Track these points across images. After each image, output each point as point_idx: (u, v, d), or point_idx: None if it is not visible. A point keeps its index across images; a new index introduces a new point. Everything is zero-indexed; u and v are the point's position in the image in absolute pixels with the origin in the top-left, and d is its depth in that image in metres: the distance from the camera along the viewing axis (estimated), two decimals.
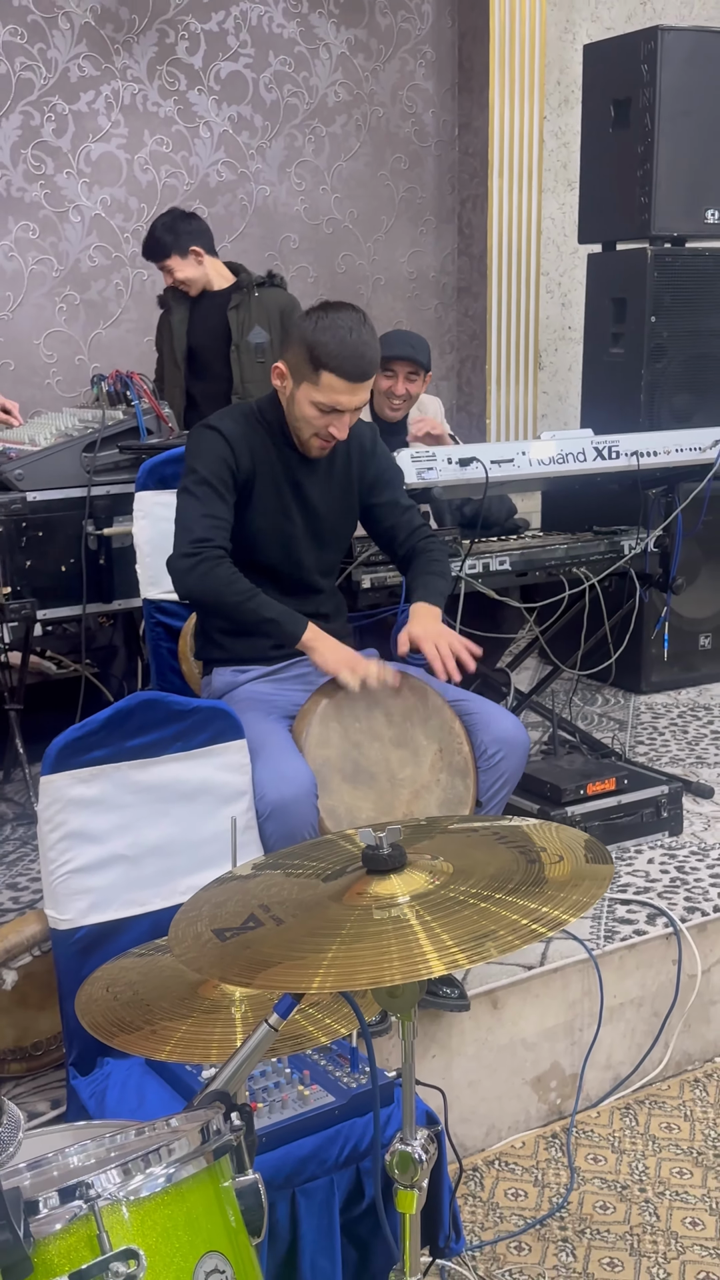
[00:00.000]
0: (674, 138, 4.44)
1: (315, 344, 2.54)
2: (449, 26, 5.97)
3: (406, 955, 1.31)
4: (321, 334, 2.54)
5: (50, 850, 2.15)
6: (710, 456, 3.76)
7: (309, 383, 2.57)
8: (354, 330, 2.55)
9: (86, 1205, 1.13)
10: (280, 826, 2.35)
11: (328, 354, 2.52)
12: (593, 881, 1.44)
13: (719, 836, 3.43)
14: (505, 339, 6.05)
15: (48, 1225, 1.12)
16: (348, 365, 2.54)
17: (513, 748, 2.63)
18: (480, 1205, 2.52)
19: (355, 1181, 1.93)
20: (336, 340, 2.53)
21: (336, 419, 2.61)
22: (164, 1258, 1.15)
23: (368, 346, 2.57)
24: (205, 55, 5.41)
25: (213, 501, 2.61)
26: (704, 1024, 3.01)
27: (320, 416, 2.60)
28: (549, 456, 3.54)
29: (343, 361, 2.53)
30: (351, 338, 2.54)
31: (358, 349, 2.54)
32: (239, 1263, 1.22)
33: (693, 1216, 2.47)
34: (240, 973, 1.35)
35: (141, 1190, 1.16)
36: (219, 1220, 1.22)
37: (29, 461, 3.39)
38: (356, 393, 2.58)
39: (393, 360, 3.96)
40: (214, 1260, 1.19)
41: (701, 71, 4.46)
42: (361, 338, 2.55)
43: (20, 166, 5.12)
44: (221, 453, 2.63)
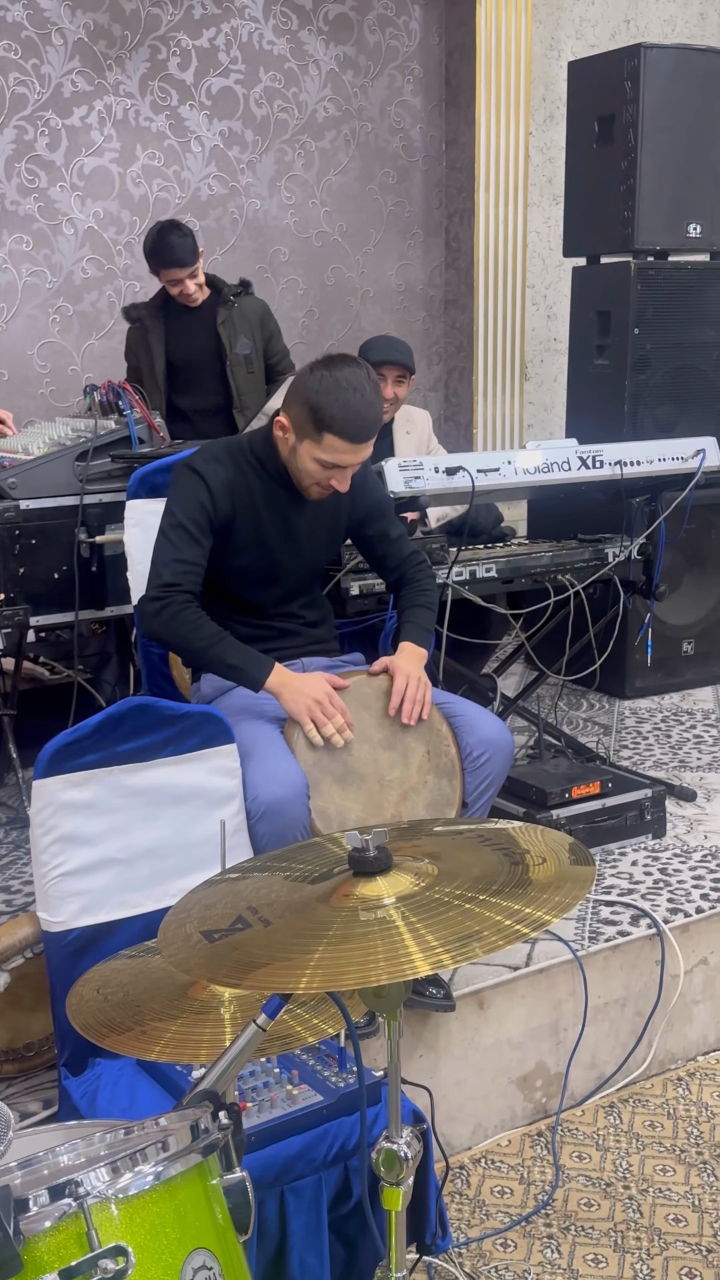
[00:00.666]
0: (657, 153, 4.45)
1: (319, 406, 2.49)
2: (436, 44, 5.99)
3: (392, 956, 1.31)
4: (325, 396, 2.49)
5: (43, 853, 2.15)
6: (692, 466, 3.76)
7: (311, 440, 2.54)
8: (358, 391, 2.50)
9: (76, 1203, 1.13)
10: (272, 826, 2.35)
11: (331, 417, 2.49)
12: (575, 883, 1.44)
13: (701, 839, 3.43)
14: (492, 350, 6.06)
15: (37, 1223, 1.12)
16: (351, 428, 2.50)
17: (498, 749, 2.64)
18: (467, 1203, 2.52)
19: (343, 1180, 1.93)
20: (340, 404, 2.48)
21: (339, 474, 2.59)
22: (152, 1254, 1.15)
23: (371, 407, 2.52)
24: (197, 71, 5.42)
25: (186, 545, 2.59)
26: (686, 1023, 3.01)
27: (322, 471, 2.58)
28: (535, 466, 3.54)
29: (346, 425, 2.49)
30: (355, 400, 2.49)
31: (361, 411, 2.50)
32: (226, 1259, 1.22)
33: (676, 1213, 2.47)
34: (229, 974, 1.35)
35: (130, 1188, 1.16)
36: (207, 1217, 1.22)
37: (22, 470, 3.39)
38: (359, 452, 2.55)
39: (382, 365, 3.97)
40: (202, 1257, 1.19)
41: (683, 88, 4.47)
42: (365, 399, 2.51)
43: (14, 180, 5.12)
44: (200, 496, 2.61)
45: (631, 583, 3.77)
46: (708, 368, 4.73)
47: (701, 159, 4.55)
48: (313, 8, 5.64)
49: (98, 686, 3.91)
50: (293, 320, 5.67)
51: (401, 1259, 1.56)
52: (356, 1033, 1.58)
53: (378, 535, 2.87)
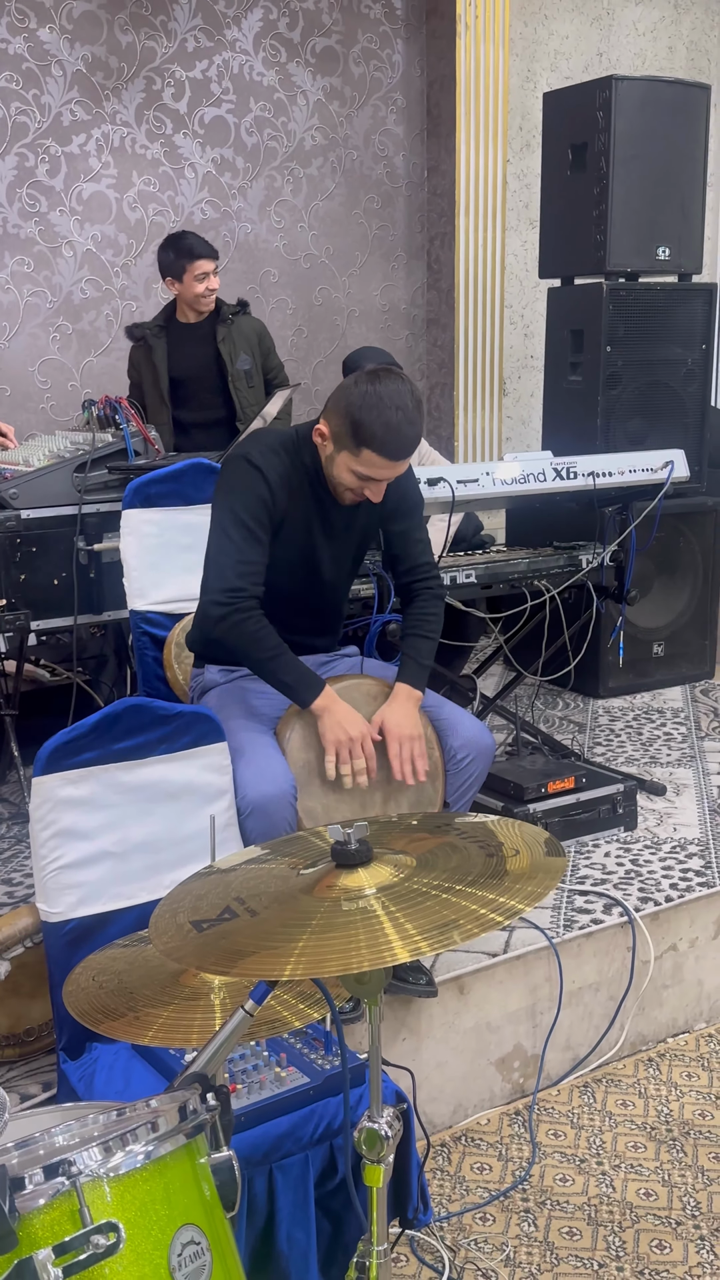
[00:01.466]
0: (627, 180, 4.46)
1: (360, 422, 2.39)
2: (418, 75, 5.99)
3: (373, 944, 1.31)
4: (368, 412, 2.38)
5: (42, 847, 2.14)
6: (661, 477, 3.77)
7: (349, 452, 2.44)
8: (400, 410, 2.39)
9: (69, 1181, 1.13)
10: (260, 824, 2.34)
11: (371, 434, 2.38)
12: (547, 873, 1.44)
13: (671, 831, 3.44)
14: (471, 367, 6.07)
15: (32, 1200, 1.11)
16: (390, 446, 2.40)
17: (480, 751, 2.62)
18: (447, 1179, 2.51)
19: (329, 1158, 1.93)
20: (381, 422, 2.38)
21: (373, 486, 2.50)
22: (142, 1230, 1.14)
23: (412, 425, 2.41)
24: (190, 101, 5.42)
25: (249, 546, 2.48)
26: (657, 1007, 3.01)
27: (357, 481, 2.49)
28: (512, 477, 3.55)
29: (386, 442, 2.39)
30: (396, 418, 2.38)
31: (401, 429, 2.39)
32: (214, 1234, 1.22)
33: (646, 1188, 2.47)
34: (217, 962, 1.35)
35: (121, 1167, 1.16)
36: (195, 1195, 1.22)
37: (23, 481, 3.38)
38: (396, 468, 2.46)
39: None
40: (190, 1232, 1.18)
41: (653, 118, 4.48)
42: (407, 416, 2.40)
43: (16, 205, 5.11)
44: (261, 493, 2.50)
45: (604, 588, 3.77)
46: (676, 384, 4.74)
47: (670, 185, 4.56)
48: (300, 41, 5.64)
49: (96, 688, 3.90)
50: (282, 339, 5.67)
51: (383, 1233, 1.56)
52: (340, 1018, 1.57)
53: (400, 533, 2.74)
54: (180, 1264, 1.15)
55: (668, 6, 6.53)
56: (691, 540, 4.79)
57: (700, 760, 4.02)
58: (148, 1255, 1.14)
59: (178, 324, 4.54)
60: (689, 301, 4.71)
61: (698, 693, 4.82)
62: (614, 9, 6.34)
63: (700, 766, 3.96)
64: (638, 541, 3.76)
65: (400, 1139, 1.61)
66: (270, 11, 5.54)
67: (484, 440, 6.17)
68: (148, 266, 5.43)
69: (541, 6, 6.10)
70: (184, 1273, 1.15)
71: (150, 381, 4.51)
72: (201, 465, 3.07)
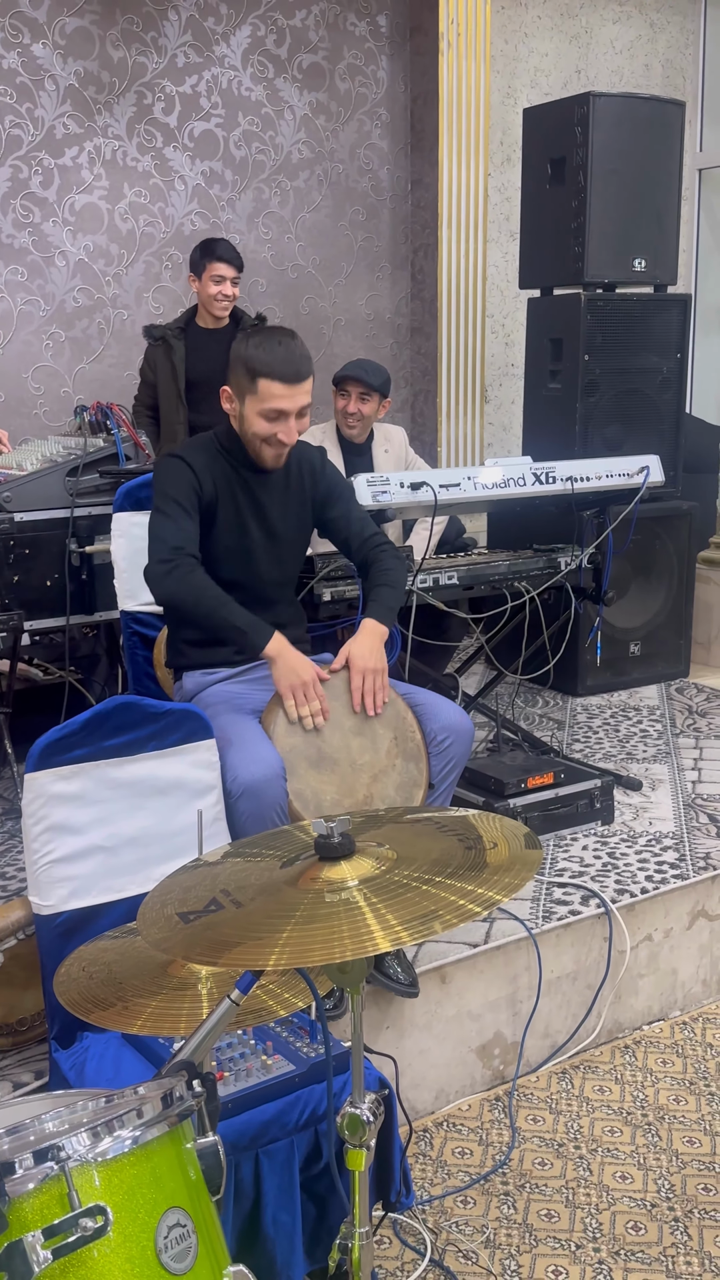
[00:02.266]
0: (604, 193, 4.47)
1: (250, 357, 2.56)
2: (402, 91, 5.99)
3: (355, 934, 1.31)
4: (254, 349, 2.57)
5: (34, 841, 2.13)
6: (638, 482, 3.78)
7: (251, 395, 2.58)
8: (281, 342, 2.57)
9: (58, 1166, 1.12)
10: (252, 805, 2.34)
11: (261, 363, 2.55)
12: (523, 865, 1.44)
13: (647, 825, 3.45)
14: (454, 375, 6.07)
15: (22, 1184, 1.11)
16: (279, 368, 2.55)
17: (459, 734, 2.64)
18: (429, 1163, 2.52)
19: (314, 1143, 1.93)
20: (268, 351, 2.55)
21: (283, 424, 2.60)
22: (129, 1213, 1.14)
23: (295, 353, 2.58)
24: (180, 115, 5.41)
25: (183, 519, 2.61)
26: (632, 995, 3.02)
27: (268, 425, 2.59)
28: (493, 481, 3.55)
29: (274, 366, 2.55)
30: (280, 348, 2.56)
31: (286, 355, 2.56)
32: (199, 1217, 1.21)
33: (622, 1171, 2.48)
34: (204, 952, 1.35)
35: (109, 1152, 1.16)
36: (181, 1179, 1.21)
37: (17, 485, 3.37)
38: (294, 396, 2.58)
39: (345, 381, 3.98)
40: (176, 1215, 1.18)
41: (629, 133, 4.50)
42: (290, 347, 2.57)
43: (10, 215, 5.10)
44: (187, 478, 2.63)
45: (582, 589, 3.78)
46: (652, 391, 4.75)
47: (646, 198, 4.57)
48: (288, 57, 5.64)
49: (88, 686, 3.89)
50: None
51: (365, 1215, 1.56)
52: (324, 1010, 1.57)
53: (340, 517, 2.85)
54: (166, 1245, 1.15)
55: (644, 26, 6.55)
56: (667, 543, 4.81)
57: (675, 756, 4.03)
58: (135, 1238, 1.14)
59: (197, 328, 4.58)
60: (664, 311, 4.72)
61: (673, 691, 4.83)
62: (592, 28, 6.36)
63: (675, 762, 3.97)
64: (615, 544, 3.77)
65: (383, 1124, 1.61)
66: (258, 29, 5.53)
67: (466, 446, 6.18)
68: (138, 276, 5.42)
69: (522, 25, 6.11)
70: (170, 1254, 1.15)
71: (168, 381, 4.53)
72: None
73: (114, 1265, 1.11)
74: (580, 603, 3.83)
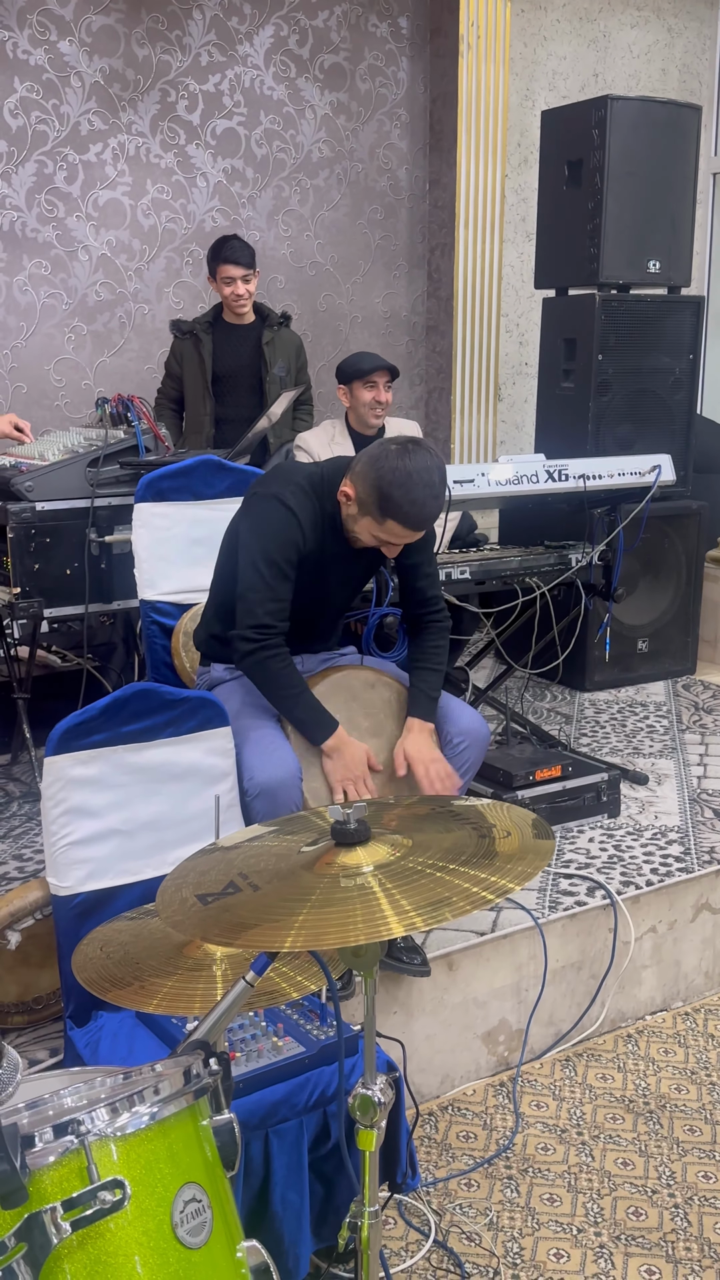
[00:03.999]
0: (620, 195, 4.46)
1: (388, 496, 2.38)
2: (422, 92, 5.97)
3: (369, 918, 1.31)
4: (397, 489, 2.37)
5: (52, 824, 2.14)
6: (649, 480, 3.77)
7: (374, 520, 2.44)
8: (428, 487, 2.39)
9: (77, 1140, 1.13)
10: (267, 805, 2.35)
11: (397, 508, 2.39)
12: (536, 855, 1.44)
13: (652, 819, 3.44)
14: (468, 373, 6.06)
15: (42, 1158, 1.11)
16: (414, 520, 2.42)
17: (475, 738, 2.64)
18: (435, 1146, 2.52)
19: (322, 1124, 1.93)
20: (409, 500, 2.38)
21: (391, 548, 2.53)
22: (147, 1187, 1.15)
23: (436, 501, 2.42)
24: (203, 113, 5.40)
25: (279, 584, 2.48)
26: (636, 986, 3.02)
27: (378, 544, 2.51)
28: (506, 478, 3.55)
29: (410, 517, 2.41)
30: (423, 495, 2.38)
31: (426, 506, 2.40)
32: (214, 1193, 1.22)
33: (624, 1158, 2.48)
34: (221, 933, 1.35)
35: (127, 1127, 1.16)
36: (197, 1155, 1.22)
37: (38, 475, 3.37)
38: (416, 536, 2.50)
39: (374, 371, 3.96)
40: (192, 1190, 1.18)
41: (646, 137, 4.48)
42: (434, 493, 2.40)
43: (34, 210, 5.10)
44: (294, 536, 2.49)
45: (592, 586, 3.77)
46: (663, 392, 4.74)
47: (661, 201, 4.56)
48: (309, 57, 5.62)
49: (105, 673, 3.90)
50: None
51: (374, 1195, 1.56)
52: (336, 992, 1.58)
53: (413, 566, 2.71)
54: (182, 1220, 1.16)
55: (661, 31, 6.52)
56: (676, 542, 4.79)
57: (681, 752, 4.03)
58: (152, 1211, 1.14)
59: (224, 323, 4.61)
60: (678, 313, 4.71)
61: (679, 687, 4.82)
62: (610, 32, 6.32)
63: (681, 758, 3.97)
64: (625, 542, 3.76)
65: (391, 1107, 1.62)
66: (281, 29, 5.52)
67: (479, 443, 6.16)
68: (160, 271, 5.42)
69: (541, 28, 6.09)
70: (186, 1229, 1.16)
71: (195, 374, 4.55)
72: (210, 461, 3.07)
73: (131, 1238, 1.12)
74: (590, 599, 3.82)
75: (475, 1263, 2.19)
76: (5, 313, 5.11)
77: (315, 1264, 2.07)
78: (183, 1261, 1.14)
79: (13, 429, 3.66)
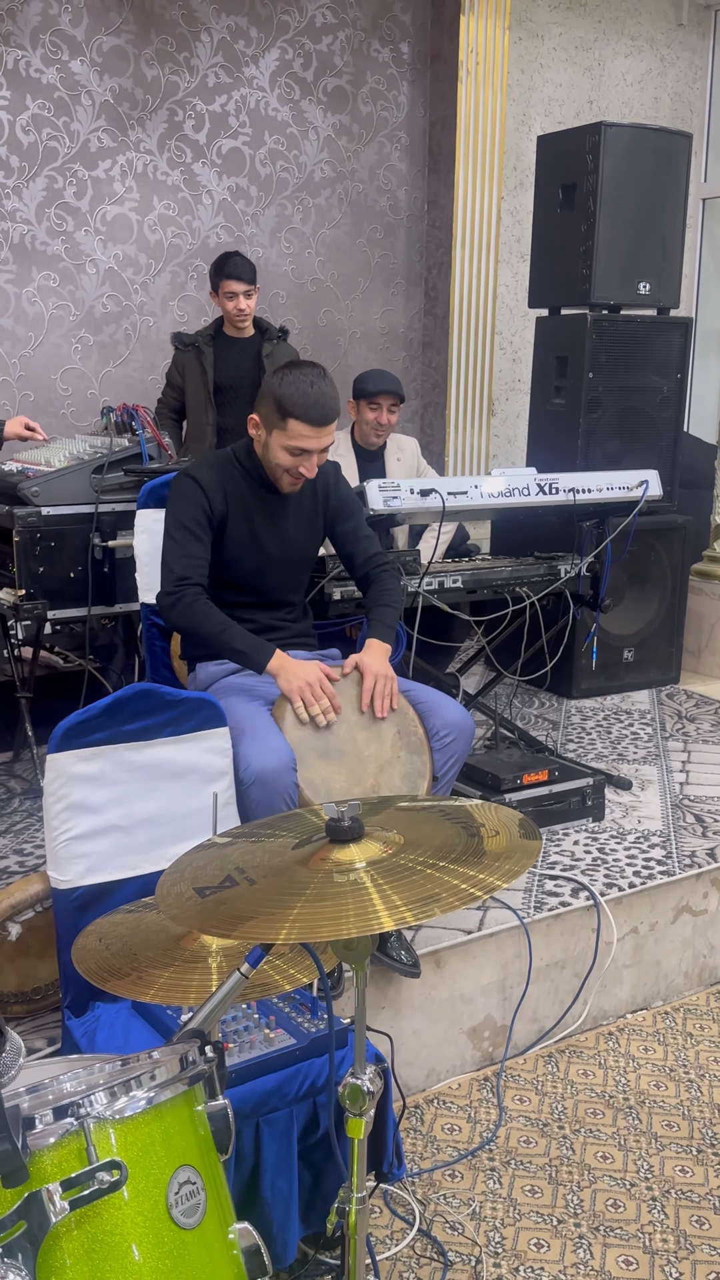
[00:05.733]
0: (613, 219, 4.48)
1: (282, 396, 2.58)
2: (421, 116, 6.00)
3: (361, 913, 1.32)
4: (287, 388, 2.57)
5: (54, 819, 2.15)
6: (636, 495, 3.79)
7: (279, 430, 2.61)
8: (314, 384, 2.58)
9: (77, 1122, 1.14)
10: (262, 793, 2.36)
11: (293, 404, 2.57)
12: (523, 854, 1.45)
13: (635, 823, 3.46)
14: (463, 388, 6.08)
15: (42, 1139, 1.12)
16: (311, 413, 2.57)
17: (460, 730, 2.65)
18: (420, 1138, 2.53)
19: (312, 1114, 1.94)
20: (300, 393, 2.56)
21: (305, 459, 2.64)
22: (143, 1169, 1.15)
23: (326, 397, 2.59)
24: (209, 133, 5.42)
25: (189, 542, 2.65)
26: (617, 985, 3.03)
27: (291, 459, 2.63)
28: (498, 490, 3.56)
29: (306, 410, 2.57)
30: (313, 390, 2.57)
31: (319, 399, 2.58)
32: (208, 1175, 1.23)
33: (603, 1151, 2.49)
34: (218, 925, 1.36)
35: (125, 1110, 1.17)
36: (192, 1139, 1.23)
37: (44, 480, 3.38)
38: (320, 437, 2.61)
39: (379, 395, 3.98)
40: (186, 1173, 1.19)
41: (638, 163, 4.51)
42: (321, 390, 2.58)
43: (44, 223, 5.11)
44: (197, 499, 2.67)
45: (580, 596, 3.79)
46: (651, 409, 4.76)
47: (652, 225, 4.58)
48: (313, 80, 5.65)
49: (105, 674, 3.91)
50: None
51: (362, 1182, 1.57)
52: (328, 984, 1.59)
53: (348, 532, 2.89)
54: (177, 1201, 1.17)
55: (655, 60, 6.56)
56: (662, 555, 4.81)
57: (664, 759, 4.04)
58: (148, 1193, 1.15)
59: (225, 336, 4.62)
60: (666, 334, 4.73)
61: (663, 696, 4.84)
62: (605, 60, 6.36)
63: (664, 764, 3.98)
64: (613, 554, 3.77)
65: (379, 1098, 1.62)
66: (286, 52, 5.54)
67: (473, 456, 6.19)
68: (165, 285, 5.43)
69: (538, 56, 6.12)
70: (180, 1210, 1.17)
71: (197, 385, 4.56)
72: None
73: (127, 1218, 1.13)
74: (578, 609, 3.84)
75: (458, 1251, 2.20)
76: (14, 323, 5.12)
77: (302, 1250, 2.07)
78: (177, 1241, 1.15)
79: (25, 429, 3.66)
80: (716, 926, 3.20)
